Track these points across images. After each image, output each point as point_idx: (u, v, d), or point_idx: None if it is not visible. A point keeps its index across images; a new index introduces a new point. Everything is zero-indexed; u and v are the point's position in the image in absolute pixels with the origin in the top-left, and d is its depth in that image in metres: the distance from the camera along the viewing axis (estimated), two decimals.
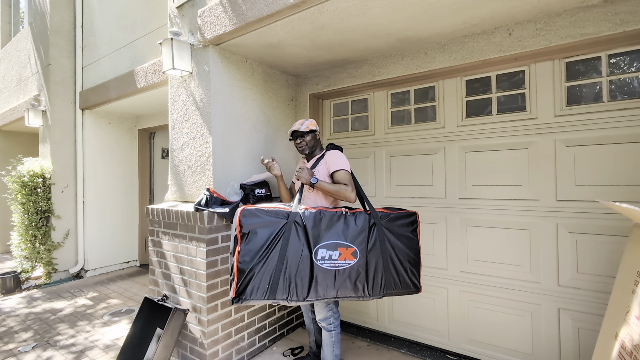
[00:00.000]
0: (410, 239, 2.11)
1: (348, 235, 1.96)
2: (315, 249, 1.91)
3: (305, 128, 2.30)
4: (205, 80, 2.49)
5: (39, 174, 4.50)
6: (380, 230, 2.03)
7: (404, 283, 2.06)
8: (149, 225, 2.72)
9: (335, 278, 1.92)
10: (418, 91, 2.76)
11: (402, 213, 2.12)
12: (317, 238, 1.93)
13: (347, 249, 1.94)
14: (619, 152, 2.00)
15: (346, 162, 2.24)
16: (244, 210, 1.87)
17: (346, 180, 2.14)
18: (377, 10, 1.99)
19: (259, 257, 1.83)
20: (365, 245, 1.98)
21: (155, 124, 5.01)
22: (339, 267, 1.92)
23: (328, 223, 1.96)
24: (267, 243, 1.85)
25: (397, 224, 2.09)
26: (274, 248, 1.87)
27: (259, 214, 1.89)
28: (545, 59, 2.20)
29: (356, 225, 1.99)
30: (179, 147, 2.69)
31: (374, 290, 1.99)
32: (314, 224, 1.94)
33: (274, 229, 1.89)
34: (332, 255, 1.92)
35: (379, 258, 2.01)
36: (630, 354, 1.38)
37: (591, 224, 2.08)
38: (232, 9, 2.24)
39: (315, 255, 1.90)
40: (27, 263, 4.52)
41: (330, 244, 1.93)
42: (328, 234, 1.94)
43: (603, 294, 2.02)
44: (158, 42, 2.54)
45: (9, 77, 6.02)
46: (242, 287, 1.81)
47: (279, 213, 1.93)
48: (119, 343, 2.85)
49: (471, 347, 2.50)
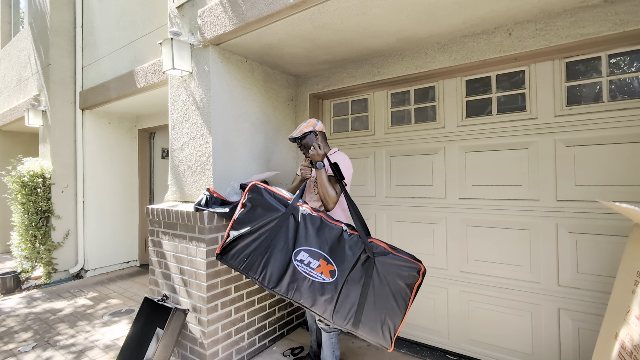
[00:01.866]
0: (402, 291, 1.81)
1: (335, 253, 1.88)
2: (298, 249, 1.91)
3: (298, 133, 2.27)
4: (205, 80, 2.49)
5: (39, 174, 4.49)
6: (370, 267, 1.85)
7: (374, 331, 1.83)
8: (149, 225, 2.72)
9: (304, 285, 1.88)
10: (418, 91, 2.76)
11: (403, 259, 1.83)
12: (305, 239, 1.91)
13: (327, 265, 1.88)
14: (619, 152, 2.00)
15: (348, 173, 2.19)
16: (252, 186, 2.04)
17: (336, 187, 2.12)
18: (377, 10, 1.99)
19: (249, 231, 1.95)
20: (347, 271, 1.85)
21: (155, 124, 5.01)
22: (313, 277, 1.88)
23: (322, 232, 1.92)
24: (260, 222, 1.96)
25: (394, 270, 1.82)
26: (264, 229, 1.96)
27: (264, 194, 2.01)
28: (545, 59, 2.20)
29: (347, 248, 1.88)
30: (179, 147, 2.69)
31: (337, 319, 1.86)
32: (309, 225, 1.93)
33: (272, 213, 1.97)
34: (310, 263, 1.89)
35: (357, 293, 1.85)
36: (630, 354, 1.38)
37: (591, 224, 2.08)
38: (232, 9, 2.24)
39: (296, 255, 1.91)
40: (27, 263, 4.52)
41: (315, 252, 1.90)
42: (317, 242, 1.91)
43: (603, 294, 2.02)
44: (158, 42, 2.54)
45: (9, 77, 6.02)
46: (227, 249, 1.98)
47: (282, 201, 2.00)
48: (119, 343, 2.85)
49: (471, 347, 2.50)
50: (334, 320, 1.88)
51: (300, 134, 2.26)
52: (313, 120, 2.32)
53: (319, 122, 2.33)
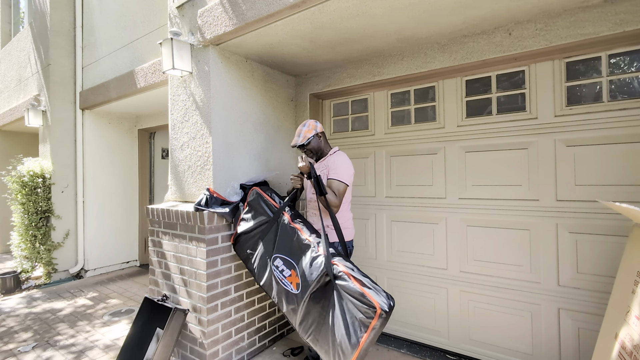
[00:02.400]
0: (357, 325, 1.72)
1: (301, 268, 1.99)
2: (276, 255, 2.10)
3: (302, 139, 2.21)
4: (205, 80, 2.49)
5: (39, 174, 4.49)
6: (330, 290, 1.84)
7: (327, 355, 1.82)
8: (149, 225, 2.72)
9: (277, 289, 2.08)
10: (418, 91, 2.76)
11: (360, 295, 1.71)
12: (282, 247, 2.10)
13: (296, 277, 2.00)
14: (619, 152, 2.00)
15: (348, 173, 2.16)
16: (252, 191, 2.41)
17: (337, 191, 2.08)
18: (377, 10, 1.99)
19: (249, 228, 2.30)
20: (309, 289, 1.88)
21: (155, 124, 5.01)
22: (284, 285, 2.05)
23: (295, 244, 2.08)
24: (256, 223, 2.29)
25: (352, 301, 1.75)
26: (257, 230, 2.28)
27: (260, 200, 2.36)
28: (545, 59, 2.20)
29: (311, 267, 1.92)
30: (179, 147, 2.69)
31: (301, 331, 1.97)
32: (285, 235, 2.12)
33: (263, 217, 2.29)
34: (284, 271, 2.06)
35: (316, 312, 1.87)
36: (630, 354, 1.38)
37: (591, 224, 2.08)
38: (232, 9, 2.24)
39: (274, 260, 2.11)
40: (27, 263, 4.52)
41: (289, 261, 2.06)
42: (290, 252, 2.07)
43: (603, 294, 2.02)
44: (158, 42, 2.54)
45: (9, 77, 6.02)
46: (236, 242, 2.39)
47: (271, 207, 2.29)
48: (119, 343, 2.85)
49: (471, 347, 2.50)
50: (299, 331, 2.00)
51: (305, 140, 2.20)
52: (312, 123, 2.27)
53: (317, 123, 2.30)
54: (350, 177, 2.18)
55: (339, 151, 2.31)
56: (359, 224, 3.02)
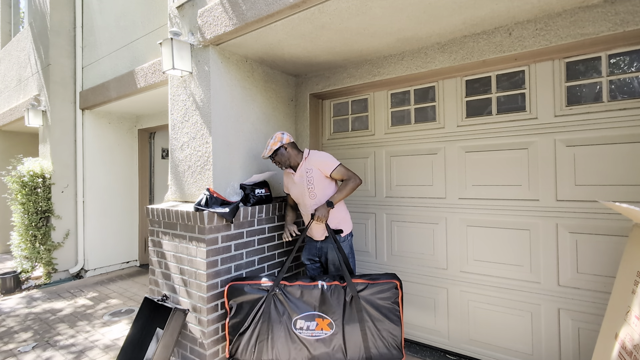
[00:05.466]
0: (391, 309, 2.14)
1: (324, 308, 2.12)
2: (294, 320, 2.12)
3: (268, 152, 2.37)
4: (205, 80, 2.49)
5: (39, 174, 4.49)
6: (358, 303, 2.12)
7: (383, 352, 2.12)
8: (149, 225, 2.72)
9: (313, 346, 2.10)
10: (418, 91, 2.76)
11: (380, 284, 2.15)
12: (296, 309, 2.13)
13: (323, 320, 2.11)
14: (619, 152, 2.00)
15: (333, 157, 2.38)
16: (229, 288, 2.23)
17: (346, 174, 2.32)
18: (377, 10, 1.99)
19: (245, 326, 2.15)
20: (341, 317, 2.10)
21: (155, 124, 5.01)
22: (317, 336, 2.11)
23: (305, 296, 2.15)
24: (250, 315, 2.15)
25: (378, 296, 2.14)
26: (257, 316, 2.14)
27: (242, 289, 2.19)
28: (545, 59, 2.20)
29: (332, 299, 2.13)
30: (179, 147, 2.69)
31: (350, 353, 2.10)
32: (291, 297, 2.15)
33: (255, 302, 2.17)
34: (309, 326, 2.11)
35: (357, 329, 2.10)
36: (630, 353, 1.38)
37: (591, 224, 2.08)
38: (232, 9, 2.24)
39: (295, 324, 2.12)
40: (27, 263, 4.52)
41: (308, 315, 2.12)
42: (306, 306, 2.13)
43: (603, 294, 2.02)
44: (158, 42, 2.54)
45: (9, 77, 6.02)
46: (234, 350, 2.19)
47: (260, 287, 2.20)
48: (119, 343, 2.85)
49: (471, 347, 2.50)
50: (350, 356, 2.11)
51: (271, 152, 2.36)
52: (279, 135, 2.40)
53: (284, 134, 2.41)
54: (334, 158, 2.37)
55: (311, 150, 2.44)
56: (359, 224, 3.02)
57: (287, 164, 2.42)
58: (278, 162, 2.42)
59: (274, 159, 2.42)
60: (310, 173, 2.34)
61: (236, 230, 2.48)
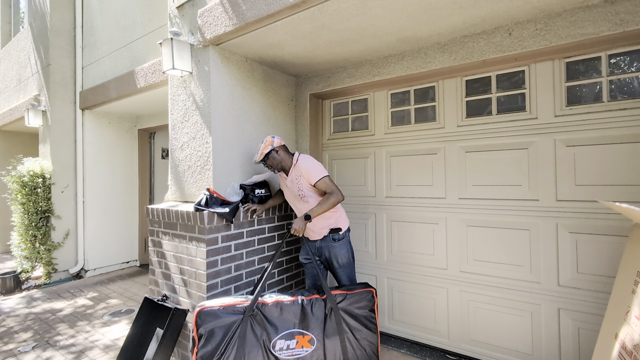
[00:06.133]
0: (368, 317, 2.21)
1: (304, 324, 2.08)
2: (274, 341, 2.02)
3: (259, 157, 2.36)
4: (205, 80, 2.49)
5: (39, 174, 4.50)
6: (337, 315, 2.14)
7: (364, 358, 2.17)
8: (149, 225, 2.72)
9: None
10: (418, 91, 2.76)
11: (358, 293, 2.21)
12: (275, 329, 2.04)
13: (303, 337, 2.07)
14: (619, 152, 2.00)
15: (320, 167, 2.35)
16: (199, 313, 1.96)
17: (329, 188, 2.28)
18: (377, 10, 1.99)
19: (217, 356, 1.91)
20: (321, 331, 2.09)
21: (155, 124, 5.01)
22: (297, 355, 2.04)
23: (284, 313, 2.08)
24: (224, 341, 1.93)
25: (355, 305, 2.19)
26: (232, 340, 1.95)
27: (216, 313, 1.96)
28: (545, 59, 2.20)
29: (312, 313, 2.11)
30: (179, 147, 2.70)
31: None
32: (269, 316, 2.06)
33: (230, 326, 1.97)
34: (289, 345, 2.04)
35: (337, 341, 2.11)
36: (630, 353, 1.38)
37: (591, 224, 2.08)
38: (232, 9, 2.24)
39: (274, 346, 2.02)
40: (27, 263, 4.52)
41: (287, 333, 2.05)
42: (285, 324, 2.06)
43: (603, 294, 2.02)
44: (158, 42, 2.54)
45: (9, 77, 6.02)
46: None
47: (236, 309, 2.01)
48: (119, 343, 2.85)
49: (471, 347, 2.50)
50: None
51: (262, 157, 2.36)
52: (269, 138, 2.40)
53: (275, 138, 2.41)
54: (321, 168, 2.35)
55: (300, 156, 2.42)
56: (359, 224, 3.02)
57: (279, 167, 2.42)
58: (270, 166, 2.42)
59: (266, 163, 2.41)
60: (299, 180, 2.36)
61: (236, 230, 2.48)
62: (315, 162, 2.37)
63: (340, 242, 2.39)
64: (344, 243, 2.41)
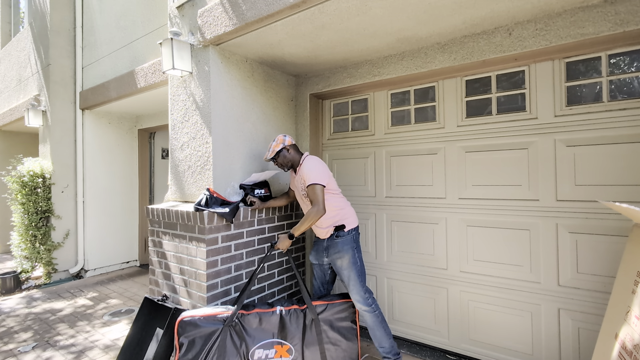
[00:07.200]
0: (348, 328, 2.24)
1: (283, 334, 2.11)
2: (252, 351, 2.05)
3: (270, 154, 2.38)
4: (205, 81, 2.49)
5: (39, 174, 4.49)
6: (318, 326, 2.17)
7: None
8: (149, 225, 2.72)
9: None
10: (418, 91, 2.76)
11: (340, 303, 2.24)
12: (253, 339, 2.07)
13: (282, 347, 2.10)
14: (619, 152, 2.00)
15: (320, 173, 2.26)
16: (180, 322, 2.04)
17: (314, 197, 2.20)
18: (377, 10, 1.99)
19: None
20: (300, 342, 2.13)
21: (155, 124, 5.01)
22: None
23: (263, 324, 2.12)
24: (204, 351, 1.99)
25: (336, 316, 2.22)
26: (211, 354, 2.00)
27: (196, 322, 2.02)
28: (545, 59, 2.20)
29: (291, 324, 2.14)
30: (179, 147, 2.69)
31: None
32: (247, 327, 2.08)
33: (210, 336, 2.02)
34: (268, 354, 2.07)
35: (316, 352, 2.13)
36: (630, 353, 1.38)
37: (591, 224, 2.08)
38: (232, 9, 2.24)
39: (252, 356, 2.04)
40: (27, 263, 4.52)
41: (266, 343, 2.08)
42: (264, 334, 2.09)
43: (603, 294, 2.02)
44: (158, 42, 2.54)
45: (9, 77, 6.02)
46: None
47: (216, 319, 2.06)
48: (119, 343, 2.85)
49: (471, 347, 2.50)
50: None
51: (273, 154, 2.37)
52: (281, 137, 2.41)
53: (286, 137, 2.41)
54: (320, 174, 2.24)
55: (307, 157, 2.40)
56: (359, 224, 3.01)
57: (289, 165, 2.43)
58: (280, 164, 2.42)
59: (276, 161, 2.42)
60: (301, 179, 2.34)
61: (236, 230, 2.48)
62: (317, 166, 2.29)
63: (341, 239, 2.29)
64: (346, 241, 2.29)
